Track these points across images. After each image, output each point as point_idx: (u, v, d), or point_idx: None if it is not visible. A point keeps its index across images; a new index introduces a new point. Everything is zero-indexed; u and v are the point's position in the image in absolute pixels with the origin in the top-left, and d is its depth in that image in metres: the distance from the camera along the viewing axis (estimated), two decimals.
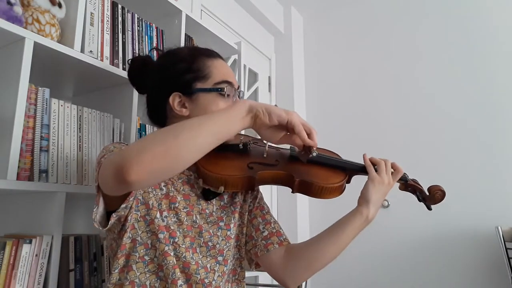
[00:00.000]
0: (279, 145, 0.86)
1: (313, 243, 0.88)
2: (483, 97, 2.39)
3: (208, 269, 0.82)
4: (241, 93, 0.94)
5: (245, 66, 2.68)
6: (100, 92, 1.31)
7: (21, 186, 0.91)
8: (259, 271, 0.96)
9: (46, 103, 1.00)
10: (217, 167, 0.81)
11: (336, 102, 2.91)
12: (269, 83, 3.00)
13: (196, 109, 0.84)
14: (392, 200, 2.53)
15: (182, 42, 1.52)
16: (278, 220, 0.97)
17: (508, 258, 1.90)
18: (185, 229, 0.82)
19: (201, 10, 2.26)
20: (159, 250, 0.78)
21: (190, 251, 0.81)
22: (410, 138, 2.55)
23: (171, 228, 0.80)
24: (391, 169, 0.90)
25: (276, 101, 2.99)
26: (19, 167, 0.92)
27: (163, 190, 0.82)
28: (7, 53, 0.98)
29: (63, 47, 1.04)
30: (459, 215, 2.29)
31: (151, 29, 1.42)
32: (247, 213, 0.94)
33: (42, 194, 1.00)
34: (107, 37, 1.22)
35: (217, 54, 0.93)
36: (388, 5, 2.82)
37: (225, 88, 0.85)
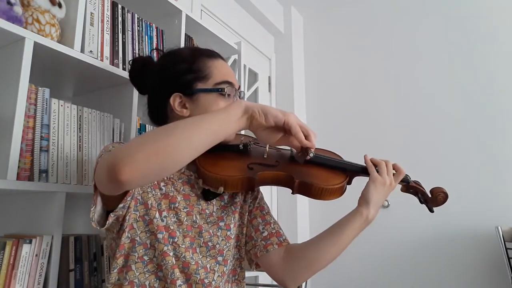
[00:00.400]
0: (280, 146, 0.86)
1: (313, 244, 0.88)
2: (483, 97, 2.39)
3: (208, 269, 0.82)
4: (242, 94, 0.93)
5: (245, 66, 2.68)
6: (100, 92, 1.31)
7: (21, 186, 0.91)
8: (259, 271, 0.96)
9: (46, 103, 1.00)
10: (217, 168, 0.81)
11: (336, 102, 2.91)
12: (269, 83, 3.00)
13: (197, 110, 0.84)
14: (392, 200, 2.53)
15: (182, 42, 1.52)
16: (278, 221, 0.97)
17: (508, 258, 1.90)
18: (185, 229, 0.82)
19: (201, 10, 2.26)
20: (158, 250, 0.77)
21: (190, 251, 0.81)
22: (410, 138, 2.55)
23: (171, 228, 0.79)
24: (393, 171, 0.89)
25: (276, 101, 2.99)
26: (19, 167, 0.92)
27: (163, 190, 0.82)
28: (7, 53, 0.98)
29: (63, 47, 1.04)
30: (459, 215, 2.29)
31: (151, 29, 1.42)
32: (247, 214, 0.94)
33: (42, 194, 1.01)
34: (107, 37, 1.22)
35: (218, 55, 0.92)
36: (388, 5, 2.82)
37: (226, 88, 0.85)
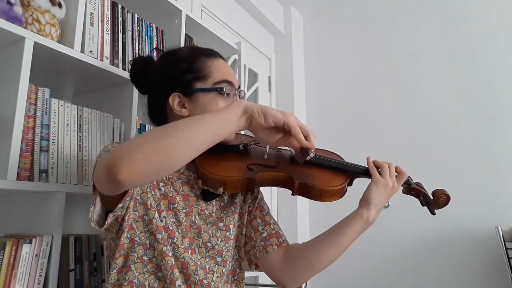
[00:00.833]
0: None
1: (313, 245, 0.87)
2: (483, 97, 2.39)
3: (207, 270, 0.82)
4: (242, 93, 0.93)
5: (245, 66, 2.68)
6: (100, 92, 1.31)
7: (21, 186, 0.91)
8: (259, 271, 0.96)
9: (46, 103, 1.00)
10: (216, 168, 0.81)
11: (336, 102, 2.91)
12: (269, 83, 3.00)
13: (196, 109, 0.83)
14: (392, 201, 2.52)
15: (182, 42, 1.52)
16: (278, 221, 0.97)
17: (508, 258, 1.90)
18: (184, 230, 0.81)
19: (201, 10, 2.26)
20: (158, 250, 0.77)
21: (189, 252, 0.80)
22: (410, 138, 2.55)
23: (170, 229, 0.79)
24: (395, 173, 0.89)
25: (276, 101, 2.99)
26: (19, 167, 0.92)
27: (162, 190, 0.81)
28: (7, 53, 0.98)
29: (63, 47, 1.04)
30: (459, 215, 2.29)
31: (151, 29, 1.42)
32: (247, 214, 0.94)
33: (42, 194, 1.01)
34: (107, 37, 1.22)
35: (218, 54, 0.92)
36: (388, 5, 2.82)
37: (225, 88, 0.84)
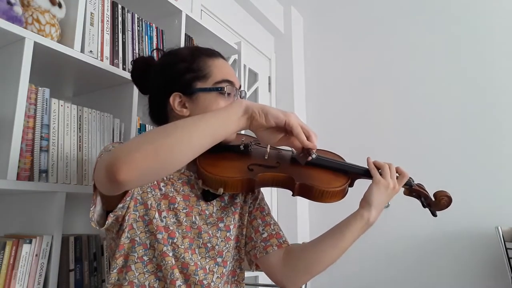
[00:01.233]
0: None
1: (313, 246, 0.87)
2: (483, 97, 2.39)
3: (207, 270, 0.82)
4: (243, 93, 0.92)
5: (245, 66, 2.68)
6: (100, 92, 1.31)
7: (21, 186, 0.91)
8: (259, 272, 0.96)
9: (46, 103, 1.00)
10: (217, 169, 0.80)
11: (336, 102, 2.91)
12: (269, 83, 3.00)
13: (197, 109, 0.83)
14: (392, 201, 2.52)
15: (182, 42, 1.52)
16: (278, 222, 0.97)
17: (508, 258, 1.90)
18: (184, 230, 0.81)
19: (201, 10, 2.26)
20: (158, 251, 0.77)
21: (189, 252, 0.80)
22: (410, 138, 2.55)
23: (170, 229, 0.79)
24: (396, 174, 0.89)
25: (276, 101, 2.99)
26: (19, 167, 0.92)
27: (162, 191, 0.81)
28: (7, 53, 0.98)
29: (63, 47, 1.04)
30: (459, 215, 2.29)
31: (151, 29, 1.42)
32: (247, 214, 0.94)
33: (42, 194, 1.01)
34: (107, 37, 1.22)
35: (218, 54, 0.92)
36: (388, 5, 2.81)
37: (225, 87, 0.84)
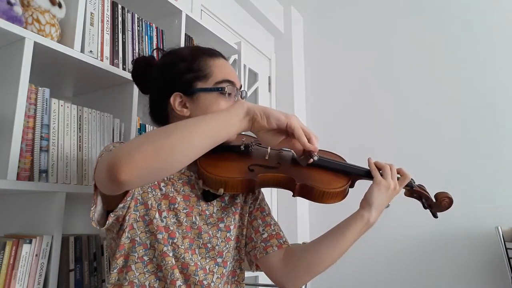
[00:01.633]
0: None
1: (313, 246, 0.87)
2: (483, 97, 2.39)
3: (207, 271, 0.82)
4: (244, 93, 0.92)
5: (245, 66, 2.68)
6: (100, 92, 1.31)
7: (21, 186, 0.91)
8: (260, 272, 0.95)
9: (46, 103, 1.00)
10: (217, 169, 0.80)
11: (336, 102, 2.91)
12: (269, 83, 3.00)
13: (197, 110, 0.83)
14: (392, 201, 2.52)
15: (182, 42, 1.52)
16: (278, 222, 0.96)
17: (508, 258, 1.90)
18: (184, 230, 0.81)
19: (201, 10, 2.26)
20: (158, 251, 0.77)
21: (189, 252, 0.80)
22: (410, 138, 2.55)
23: (170, 229, 0.79)
24: (398, 175, 0.88)
25: (276, 101, 2.99)
26: (19, 167, 0.92)
27: (163, 191, 0.81)
28: (7, 53, 0.98)
29: (63, 47, 1.04)
30: (459, 215, 2.29)
31: (151, 29, 1.42)
32: (248, 215, 0.94)
33: (42, 194, 1.00)
34: (107, 37, 1.22)
35: (219, 54, 0.92)
36: (388, 5, 2.81)
37: (226, 88, 0.84)
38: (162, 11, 1.51)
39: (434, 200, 0.92)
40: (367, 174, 0.88)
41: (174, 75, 0.86)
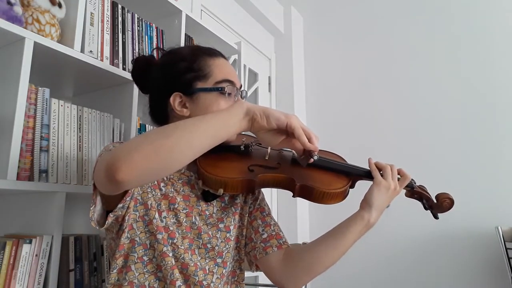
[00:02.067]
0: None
1: (313, 247, 0.87)
2: (483, 97, 2.38)
3: (207, 271, 0.82)
4: (244, 93, 0.92)
5: (245, 66, 2.68)
6: (100, 92, 1.31)
7: (21, 186, 0.91)
8: (259, 272, 0.95)
9: (46, 103, 1.00)
10: (217, 169, 0.80)
11: (337, 102, 2.91)
12: (269, 83, 3.00)
13: (197, 109, 0.83)
14: (393, 201, 2.53)
15: (182, 42, 1.52)
16: (278, 222, 0.96)
17: (508, 258, 1.89)
18: (184, 230, 0.81)
19: (201, 10, 2.26)
20: (158, 251, 0.77)
21: (189, 252, 0.80)
22: (410, 138, 2.55)
23: (170, 229, 0.79)
24: (398, 175, 0.88)
25: (276, 101, 2.99)
26: (19, 167, 0.92)
27: (162, 191, 0.81)
28: (7, 53, 0.98)
29: (63, 47, 1.04)
30: (459, 215, 2.29)
31: (151, 29, 1.42)
32: (247, 215, 0.94)
33: (42, 194, 1.00)
34: (107, 37, 1.21)
35: (219, 53, 0.91)
36: (388, 5, 2.81)
37: (226, 87, 0.84)
38: (162, 11, 1.51)
39: (435, 201, 0.92)
40: (368, 175, 0.88)
41: (174, 75, 0.86)
